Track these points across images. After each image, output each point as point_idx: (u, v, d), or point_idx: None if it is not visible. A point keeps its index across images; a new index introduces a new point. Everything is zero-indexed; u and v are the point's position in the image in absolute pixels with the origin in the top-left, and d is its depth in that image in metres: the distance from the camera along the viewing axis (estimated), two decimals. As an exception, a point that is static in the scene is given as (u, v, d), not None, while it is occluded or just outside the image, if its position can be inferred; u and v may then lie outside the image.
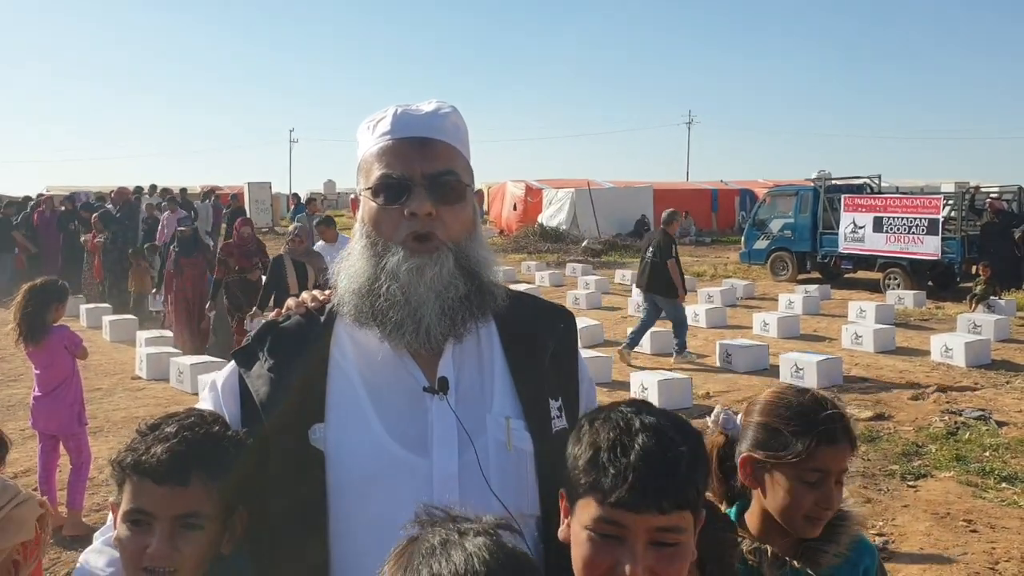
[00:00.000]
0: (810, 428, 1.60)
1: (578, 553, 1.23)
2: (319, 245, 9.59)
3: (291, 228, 9.79)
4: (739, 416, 1.77)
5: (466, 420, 1.45)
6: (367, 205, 1.50)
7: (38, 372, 5.40)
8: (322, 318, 1.55)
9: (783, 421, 1.64)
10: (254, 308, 8.83)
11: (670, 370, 9.12)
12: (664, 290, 10.30)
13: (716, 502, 1.78)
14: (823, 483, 1.60)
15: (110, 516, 1.48)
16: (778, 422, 1.64)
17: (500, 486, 1.43)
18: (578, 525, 1.24)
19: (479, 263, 1.50)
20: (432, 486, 1.41)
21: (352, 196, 1.62)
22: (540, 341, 1.57)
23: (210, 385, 1.58)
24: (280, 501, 1.43)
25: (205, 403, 1.57)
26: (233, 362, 1.56)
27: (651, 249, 10.40)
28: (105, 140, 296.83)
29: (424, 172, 1.45)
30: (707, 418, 1.85)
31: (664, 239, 10.41)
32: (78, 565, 1.48)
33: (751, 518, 1.73)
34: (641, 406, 1.29)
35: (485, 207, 36.33)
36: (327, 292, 1.63)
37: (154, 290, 13.37)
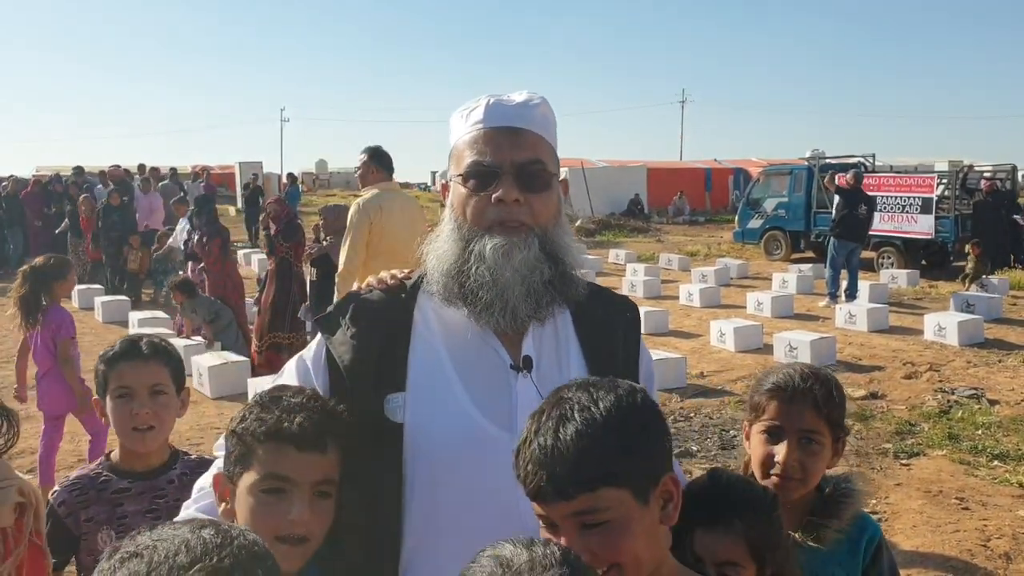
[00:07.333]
0: (773, 387, 1.75)
1: None
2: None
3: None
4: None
5: None
6: (457, 191, 1.56)
7: (36, 353, 5.35)
8: (403, 295, 1.60)
9: (760, 386, 1.80)
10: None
11: (664, 349, 9.14)
12: (864, 239, 13.05)
13: None
14: (780, 438, 1.71)
15: (206, 490, 1.51)
16: (757, 387, 1.81)
17: None
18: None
19: (563, 249, 1.57)
20: None
21: (442, 182, 1.67)
22: (611, 329, 1.65)
23: (296, 360, 1.62)
24: (353, 469, 1.46)
25: (288, 378, 1.59)
26: (319, 334, 1.59)
27: (864, 206, 12.56)
28: (95, 120, 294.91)
29: (513, 161, 1.50)
30: None
31: (869, 198, 13.04)
32: None
33: None
34: (580, 386, 1.25)
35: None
36: (407, 271, 1.68)
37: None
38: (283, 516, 1.34)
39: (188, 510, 1.52)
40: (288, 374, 1.61)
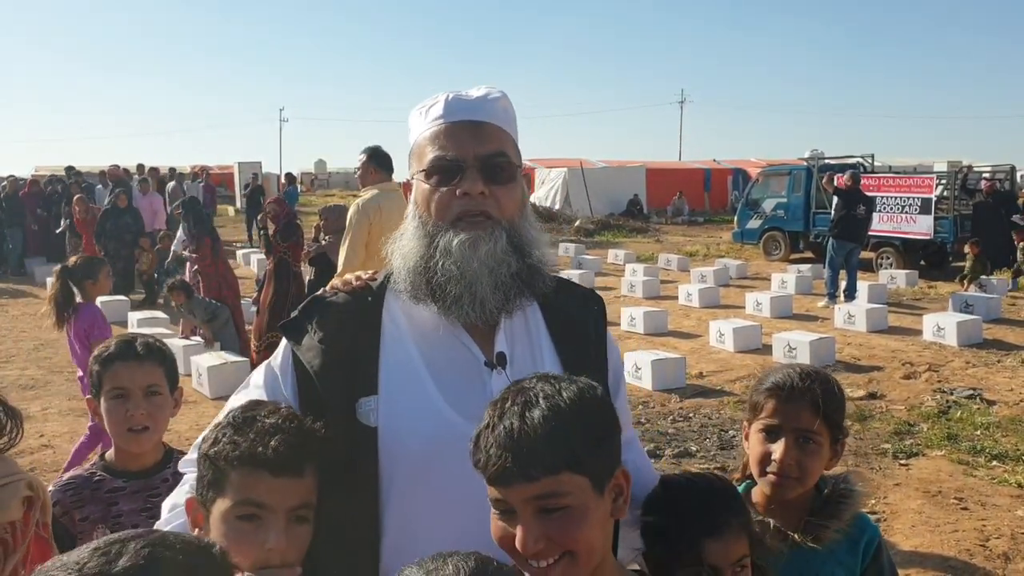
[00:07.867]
0: (772, 386, 1.76)
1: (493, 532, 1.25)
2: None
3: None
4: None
5: None
6: (420, 187, 1.53)
7: (72, 350, 5.43)
8: (369, 296, 1.57)
9: (759, 385, 1.81)
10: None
11: (663, 350, 9.13)
12: (863, 239, 13.14)
13: None
14: (778, 437, 1.72)
15: (179, 508, 1.46)
16: (757, 386, 1.83)
17: None
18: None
19: (530, 242, 1.54)
20: None
21: (405, 180, 1.64)
22: (581, 322, 1.64)
23: (264, 368, 1.59)
24: (329, 475, 1.44)
25: (255, 386, 1.57)
26: (284, 339, 1.56)
27: (862, 207, 12.56)
28: (95, 120, 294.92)
29: (476, 154, 1.48)
30: None
31: (868, 198, 13.06)
32: None
33: (757, 494, 1.81)
34: (540, 378, 1.27)
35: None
36: (372, 272, 1.66)
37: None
38: (260, 545, 1.29)
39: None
40: (255, 383, 1.57)
